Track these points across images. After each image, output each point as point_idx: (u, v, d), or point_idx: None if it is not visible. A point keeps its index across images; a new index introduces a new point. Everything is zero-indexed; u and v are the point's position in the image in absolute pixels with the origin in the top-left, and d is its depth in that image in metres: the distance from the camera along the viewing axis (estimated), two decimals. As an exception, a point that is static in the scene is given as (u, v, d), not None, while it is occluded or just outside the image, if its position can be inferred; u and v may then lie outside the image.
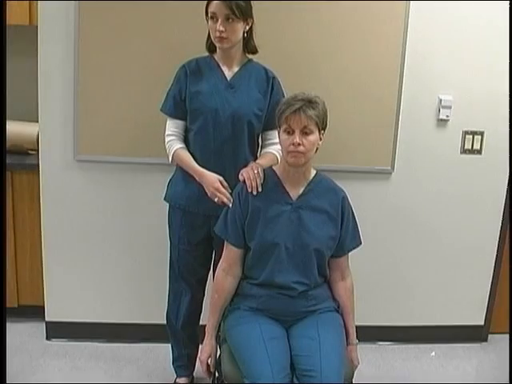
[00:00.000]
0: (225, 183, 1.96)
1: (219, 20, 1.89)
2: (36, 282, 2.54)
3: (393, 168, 2.53)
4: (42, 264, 2.47)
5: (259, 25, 2.02)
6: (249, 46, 2.02)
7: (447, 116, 2.49)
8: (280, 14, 2.30)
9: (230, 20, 1.88)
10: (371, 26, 2.35)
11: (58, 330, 2.54)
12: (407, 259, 2.67)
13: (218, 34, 1.90)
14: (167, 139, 2.07)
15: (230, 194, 1.93)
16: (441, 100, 2.47)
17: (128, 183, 2.48)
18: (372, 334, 2.65)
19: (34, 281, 2.55)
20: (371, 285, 2.62)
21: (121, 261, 2.55)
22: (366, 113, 2.44)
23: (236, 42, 1.95)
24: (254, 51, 2.05)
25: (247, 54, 2.06)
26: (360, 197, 2.43)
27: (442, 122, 2.51)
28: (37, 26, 2.27)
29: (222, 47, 1.95)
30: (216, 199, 1.93)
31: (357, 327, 1.94)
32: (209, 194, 1.96)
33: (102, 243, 2.52)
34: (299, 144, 1.74)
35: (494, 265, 2.67)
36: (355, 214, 1.93)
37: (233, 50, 1.98)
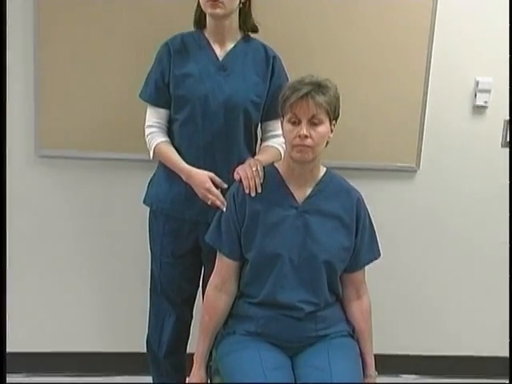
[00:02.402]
0: (217, 179, 1.99)
1: None
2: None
3: (418, 166, 2.57)
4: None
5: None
6: (246, 22, 2.06)
7: (485, 102, 2.53)
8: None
9: None
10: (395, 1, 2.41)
11: (14, 363, 2.56)
12: (434, 276, 2.71)
13: None
14: (147, 131, 2.09)
15: (224, 195, 1.95)
16: (478, 82, 2.52)
17: (101, 183, 2.52)
18: (393, 365, 2.70)
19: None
20: (391, 306, 2.66)
21: (92, 275, 2.59)
22: (385, 100, 2.48)
23: (231, 11, 1.96)
24: (253, 29, 2.08)
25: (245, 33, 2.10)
26: (379, 199, 2.50)
27: (479, 110, 2.57)
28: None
29: (213, 14, 1.95)
30: (208, 202, 1.95)
31: (375, 356, 1.96)
32: (200, 196, 1.99)
33: (69, 254, 2.57)
34: (306, 136, 1.75)
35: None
36: (373, 220, 1.95)
37: (227, 23, 2.00)
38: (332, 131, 1.83)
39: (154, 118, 2.08)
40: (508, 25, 2.44)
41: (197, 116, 2.01)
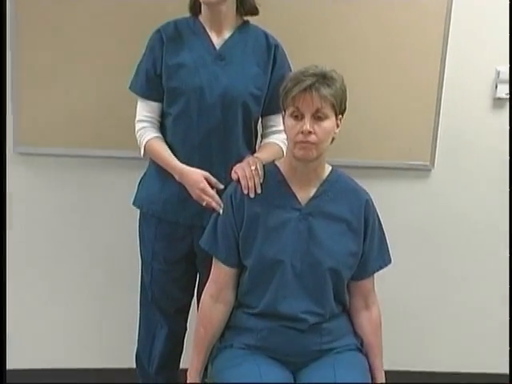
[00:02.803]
0: (213, 179, 1.98)
1: None
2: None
3: (432, 164, 2.57)
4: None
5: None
6: (245, 4, 2.05)
7: (507, 94, 2.52)
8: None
9: None
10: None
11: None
12: (451, 283, 2.71)
13: None
14: (138, 126, 2.09)
15: (220, 196, 1.94)
16: (499, 72, 2.51)
17: (88, 183, 2.52)
18: (406, 382, 2.67)
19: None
20: (402, 317, 2.66)
21: (75, 285, 2.59)
22: (396, 92, 2.48)
23: None
24: (253, 11, 2.07)
25: (243, 17, 2.09)
26: (390, 200, 2.51)
27: (500, 102, 2.56)
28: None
29: (207, 1, 1.96)
30: (204, 203, 1.95)
31: (386, 372, 1.96)
32: (194, 197, 1.98)
33: (48, 263, 2.57)
34: (310, 132, 1.75)
35: None
36: (382, 224, 1.95)
37: (223, 8, 2.00)
38: (338, 126, 1.82)
39: (144, 112, 2.08)
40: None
41: (191, 110, 2.00)
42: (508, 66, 2.48)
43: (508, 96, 2.51)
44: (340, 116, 1.82)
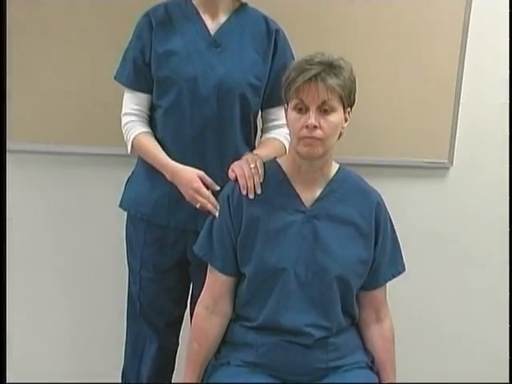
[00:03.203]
0: (208, 179, 1.98)
1: None
2: None
3: (451, 161, 2.57)
4: None
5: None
6: None
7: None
8: None
9: None
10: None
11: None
12: (471, 293, 2.70)
13: None
14: (125, 120, 2.08)
15: (216, 197, 1.93)
16: (521, 66, 2.50)
17: (73, 181, 2.52)
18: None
19: None
20: (416, 330, 2.65)
21: (58, 294, 2.59)
22: (411, 84, 2.47)
23: None
24: None
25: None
26: (403, 202, 2.50)
27: (524, 96, 2.53)
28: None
29: None
30: (198, 205, 1.94)
31: None
32: (187, 198, 1.97)
33: (30, 270, 2.57)
34: (315, 126, 1.73)
35: None
36: (395, 227, 1.94)
37: None
38: (346, 120, 1.81)
39: (132, 105, 2.07)
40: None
41: (184, 102, 1.99)
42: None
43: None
44: (348, 109, 1.81)
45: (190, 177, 1.96)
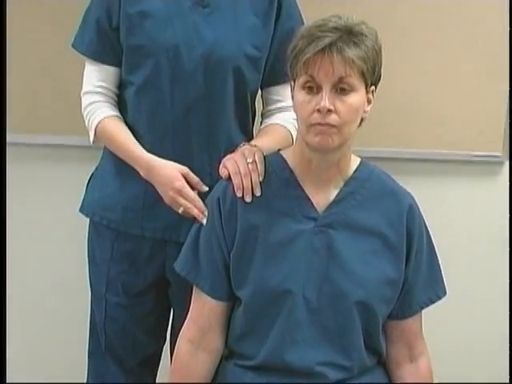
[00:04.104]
0: (194, 177, 1.93)
1: None
2: None
3: (507, 154, 2.58)
4: None
5: None
6: None
7: None
8: None
9: None
10: None
11: None
12: None
13: None
14: (86, 101, 2.04)
15: (204, 199, 1.89)
16: None
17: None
18: None
19: None
20: (466, 359, 2.69)
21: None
22: (458, 66, 2.49)
23: None
24: None
25: None
26: (446, 206, 2.53)
27: None
28: None
29: None
30: (180, 210, 1.89)
31: None
32: (166, 201, 1.93)
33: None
34: (330, 110, 1.65)
35: None
36: (433, 239, 1.89)
37: None
38: (370, 102, 1.75)
39: (95, 81, 2.03)
40: None
41: (162, 78, 1.95)
42: None
43: None
44: (372, 88, 1.74)
45: (170, 174, 1.91)
